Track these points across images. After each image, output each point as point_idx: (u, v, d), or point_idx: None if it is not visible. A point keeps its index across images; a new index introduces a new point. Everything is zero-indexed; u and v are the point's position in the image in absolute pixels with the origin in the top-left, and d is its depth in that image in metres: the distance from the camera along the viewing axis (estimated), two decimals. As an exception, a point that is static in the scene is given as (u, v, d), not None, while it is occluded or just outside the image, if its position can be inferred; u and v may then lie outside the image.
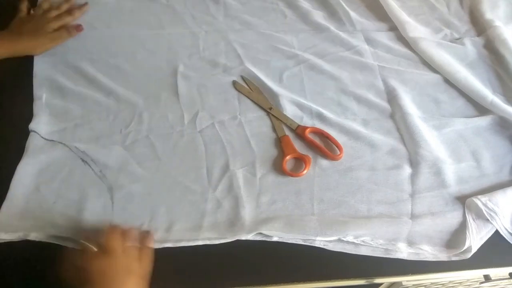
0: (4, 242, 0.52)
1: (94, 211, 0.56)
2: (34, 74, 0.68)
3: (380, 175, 0.61)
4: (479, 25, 0.80)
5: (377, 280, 0.57)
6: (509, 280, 0.63)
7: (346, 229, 0.55)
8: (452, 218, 0.58)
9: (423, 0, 0.85)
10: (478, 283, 0.65)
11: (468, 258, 0.55)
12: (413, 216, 0.58)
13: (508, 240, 0.57)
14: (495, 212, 0.56)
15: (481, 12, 0.80)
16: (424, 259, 0.55)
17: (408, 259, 0.55)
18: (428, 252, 0.55)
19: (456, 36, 0.79)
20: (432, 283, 0.70)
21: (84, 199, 0.57)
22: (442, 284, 0.71)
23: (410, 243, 0.55)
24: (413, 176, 0.61)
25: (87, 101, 0.66)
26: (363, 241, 0.55)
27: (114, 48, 0.74)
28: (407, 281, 0.63)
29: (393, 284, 0.69)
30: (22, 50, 0.68)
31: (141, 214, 0.56)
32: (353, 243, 0.55)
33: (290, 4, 0.82)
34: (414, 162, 0.62)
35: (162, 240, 0.54)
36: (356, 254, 0.55)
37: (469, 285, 0.72)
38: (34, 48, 0.69)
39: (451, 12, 0.83)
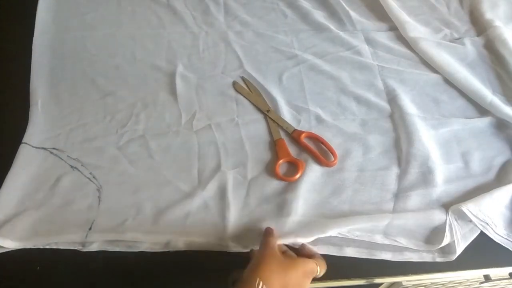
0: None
1: (77, 213, 0.56)
2: (31, 80, 0.68)
3: (368, 176, 0.61)
4: (479, 25, 0.80)
5: (377, 280, 0.57)
6: (509, 280, 0.63)
7: (325, 228, 0.54)
8: (433, 215, 0.57)
9: (423, 0, 0.85)
10: (478, 283, 0.65)
11: (468, 258, 0.55)
12: (394, 211, 0.58)
13: (506, 246, 0.56)
14: (486, 223, 0.55)
15: (481, 12, 0.80)
16: (408, 260, 0.55)
17: (392, 260, 0.55)
18: (403, 245, 0.55)
19: (456, 36, 0.79)
20: (432, 283, 0.70)
21: (69, 203, 0.57)
22: (442, 284, 0.71)
23: (386, 234, 0.55)
24: (401, 175, 0.61)
25: (84, 104, 0.67)
26: (339, 233, 0.54)
27: (114, 48, 0.74)
28: (407, 281, 0.63)
29: (393, 284, 0.69)
30: None
31: (125, 211, 0.56)
32: (338, 245, 0.55)
33: (290, 4, 0.82)
34: (404, 162, 0.62)
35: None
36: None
37: (469, 285, 0.72)
38: None
39: (451, 12, 0.83)
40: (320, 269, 0.50)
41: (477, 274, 0.59)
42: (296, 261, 0.48)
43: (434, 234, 0.56)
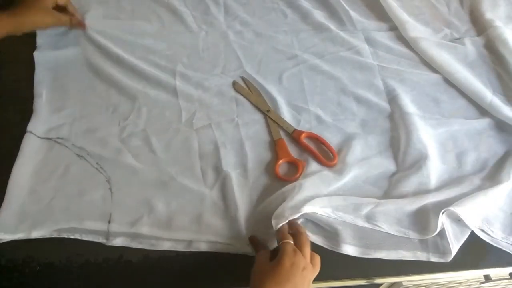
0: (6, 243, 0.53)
1: (94, 203, 0.57)
2: (35, 72, 0.69)
3: (363, 175, 0.61)
4: (479, 25, 0.80)
5: (378, 280, 0.57)
6: (509, 280, 0.63)
7: (310, 205, 0.54)
8: (420, 206, 0.57)
9: (423, 0, 0.84)
10: (478, 283, 0.65)
11: (468, 258, 0.55)
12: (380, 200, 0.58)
13: (505, 249, 0.56)
14: (482, 229, 0.56)
15: (481, 12, 0.80)
16: (402, 258, 0.55)
17: (387, 258, 0.54)
18: (384, 230, 0.55)
19: (456, 36, 0.79)
20: (432, 283, 0.70)
21: (83, 192, 0.58)
22: (442, 284, 0.71)
23: (368, 218, 0.56)
24: (397, 174, 0.61)
25: (87, 95, 0.68)
26: (324, 212, 0.54)
27: (114, 46, 0.73)
28: (407, 281, 0.63)
29: (393, 284, 0.69)
30: (21, 26, 0.65)
31: (139, 207, 0.57)
32: (334, 239, 0.55)
33: (290, 4, 0.82)
34: (401, 161, 0.62)
35: (163, 238, 0.55)
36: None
37: (469, 285, 0.72)
38: (34, 23, 0.66)
39: (451, 12, 0.83)
40: (303, 245, 0.49)
41: (477, 274, 0.59)
42: (279, 261, 0.47)
43: (419, 225, 0.56)
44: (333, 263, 0.54)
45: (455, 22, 0.81)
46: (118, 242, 0.54)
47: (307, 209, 0.53)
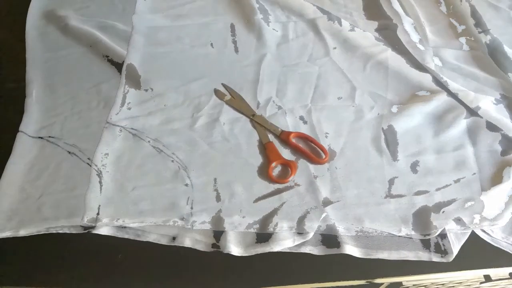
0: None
1: (82, 196, 0.57)
2: (26, 72, 0.70)
3: (363, 174, 0.61)
4: (477, 26, 0.80)
5: (377, 280, 0.57)
6: (509, 280, 0.63)
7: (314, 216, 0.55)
8: (421, 208, 0.58)
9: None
10: (478, 283, 0.65)
11: (468, 258, 0.55)
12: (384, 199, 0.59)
13: (505, 249, 0.56)
14: (482, 230, 0.56)
15: (480, 12, 0.80)
16: (404, 258, 0.55)
17: (389, 259, 0.55)
18: (384, 231, 0.55)
19: (453, 35, 0.78)
20: (432, 283, 0.70)
21: (72, 188, 0.59)
22: (442, 284, 0.71)
23: (369, 219, 0.56)
24: (392, 174, 0.61)
25: (77, 92, 0.68)
26: (329, 217, 0.56)
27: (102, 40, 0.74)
28: (407, 281, 0.63)
29: (393, 284, 0.69)
30: None
31: (126, 199, 0.58)
32: (336, 243, 0.55)
33: (283, 7, 0.80)
34: (393, 160, 0.62)
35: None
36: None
37: (469, 285, 0.72)
38: None
39: (449, 12, 0.82)
40: None
41: (477, 274, 0.59)
42: None
43: (421, 225, 0.56)
44: (333, 263, 0.54)
45: (453, 22, 0.81)
46: (104, 231, 0.55)
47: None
